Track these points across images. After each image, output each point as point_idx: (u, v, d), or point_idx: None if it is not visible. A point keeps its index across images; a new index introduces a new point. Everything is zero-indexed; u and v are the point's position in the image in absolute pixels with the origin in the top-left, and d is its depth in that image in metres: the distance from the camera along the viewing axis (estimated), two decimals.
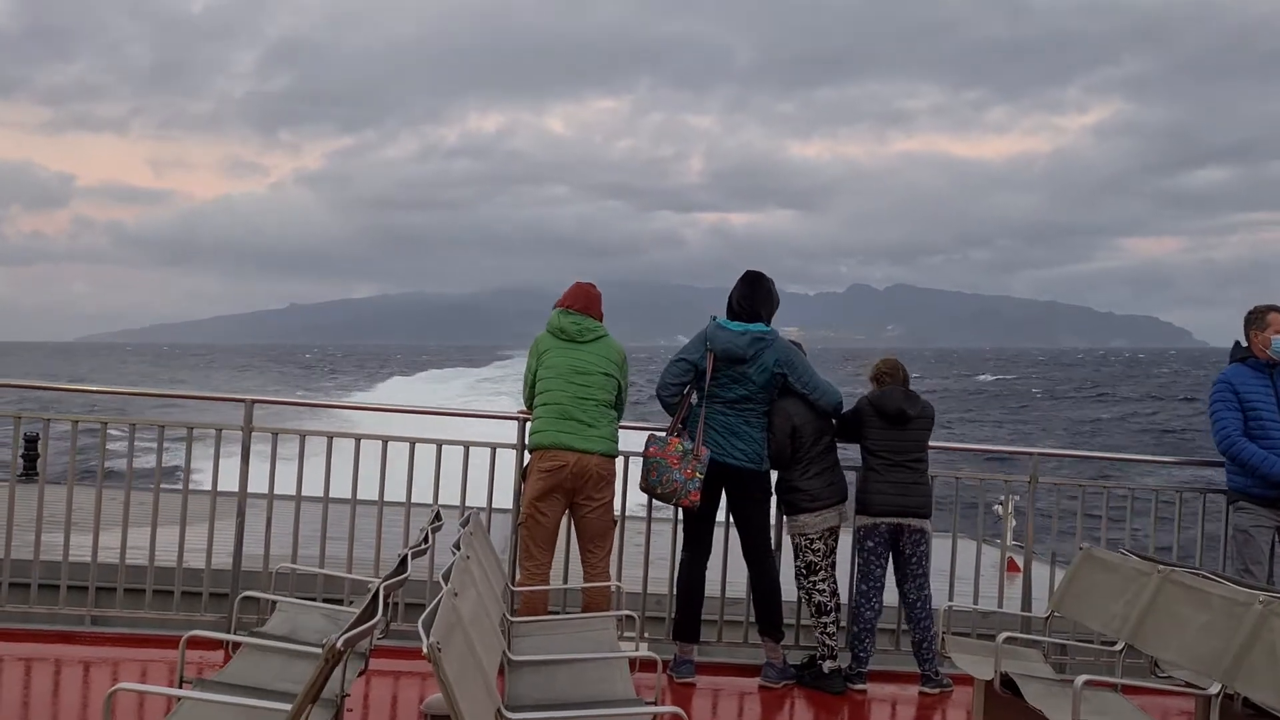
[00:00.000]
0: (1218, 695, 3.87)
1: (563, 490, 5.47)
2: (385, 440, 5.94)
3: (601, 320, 5.73)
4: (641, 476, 5.58)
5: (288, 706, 2.74)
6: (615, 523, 5.70)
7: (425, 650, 2.47)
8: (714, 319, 5.72)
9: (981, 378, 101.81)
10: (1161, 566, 4.34)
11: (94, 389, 6.98)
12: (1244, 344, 6.19)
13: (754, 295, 5.72)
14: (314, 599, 5.12)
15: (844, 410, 5.78)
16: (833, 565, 5.69)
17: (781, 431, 5.58)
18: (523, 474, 5.69)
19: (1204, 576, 4.23)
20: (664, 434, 5.56)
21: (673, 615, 5.86)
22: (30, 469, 12.27)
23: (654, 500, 5.77)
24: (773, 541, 5.84)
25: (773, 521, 5.87)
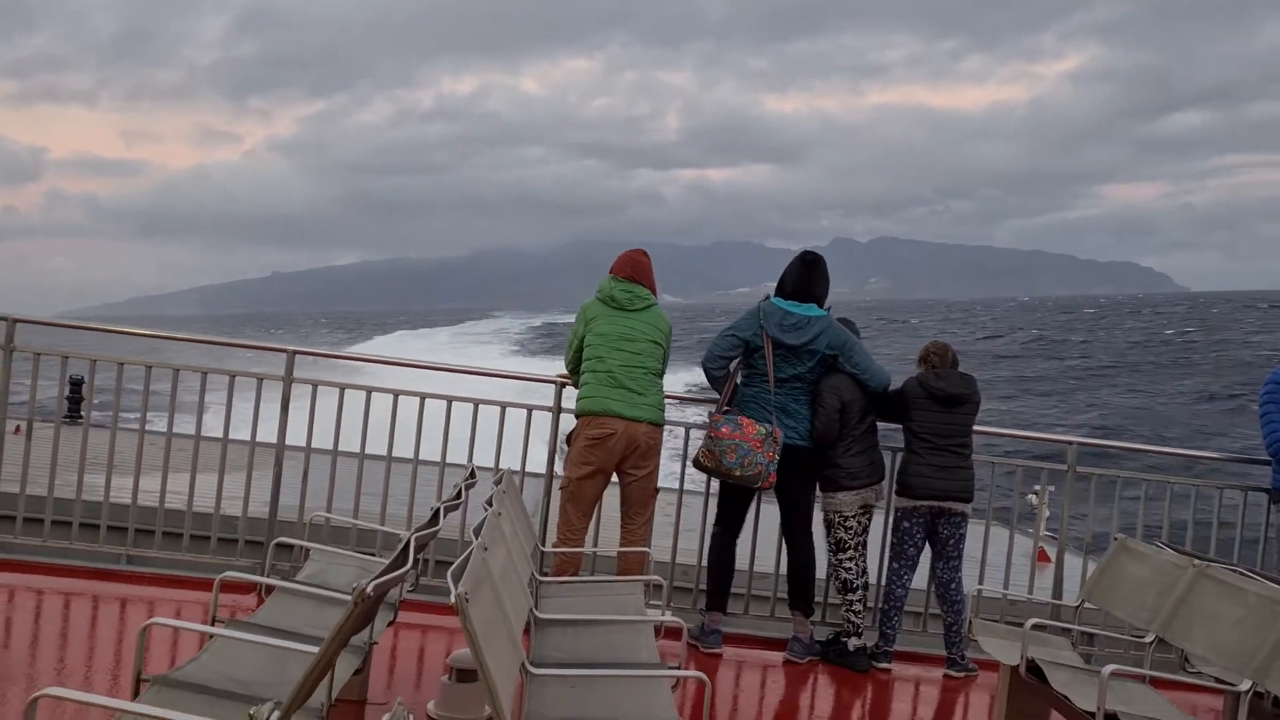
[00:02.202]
0: (1247, 692, 3.83)
1: (610, 457, 5.48)
2: (423, 397, 6.00)
3: (654, 289, 5.73)
4: (707, 457, 5.49)
5: (316, 649, 2.78)
6: (658, 491, 5.71)
7: (453, 600, 2.49)
8: (767, 297, 5.69)
9: (913, 321, 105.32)
10: (1197, 561, 4.28)
11: (138, 331, 7.07)
12: None
13: (811, 277, 5.68)
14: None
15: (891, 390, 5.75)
16: (863, 544, 5.68)
17: (830, 408, 5.54)
18: (567, 439, 5.71)
19: (1240, 573, 4.17)
20: (731, 414, 5.50)
21: (700, 587, 5.89)
22: (75, 411, 12.51)
23: (707, 475, 5.73)
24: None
25: None
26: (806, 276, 5.67)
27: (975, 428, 5.77)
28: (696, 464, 5.61)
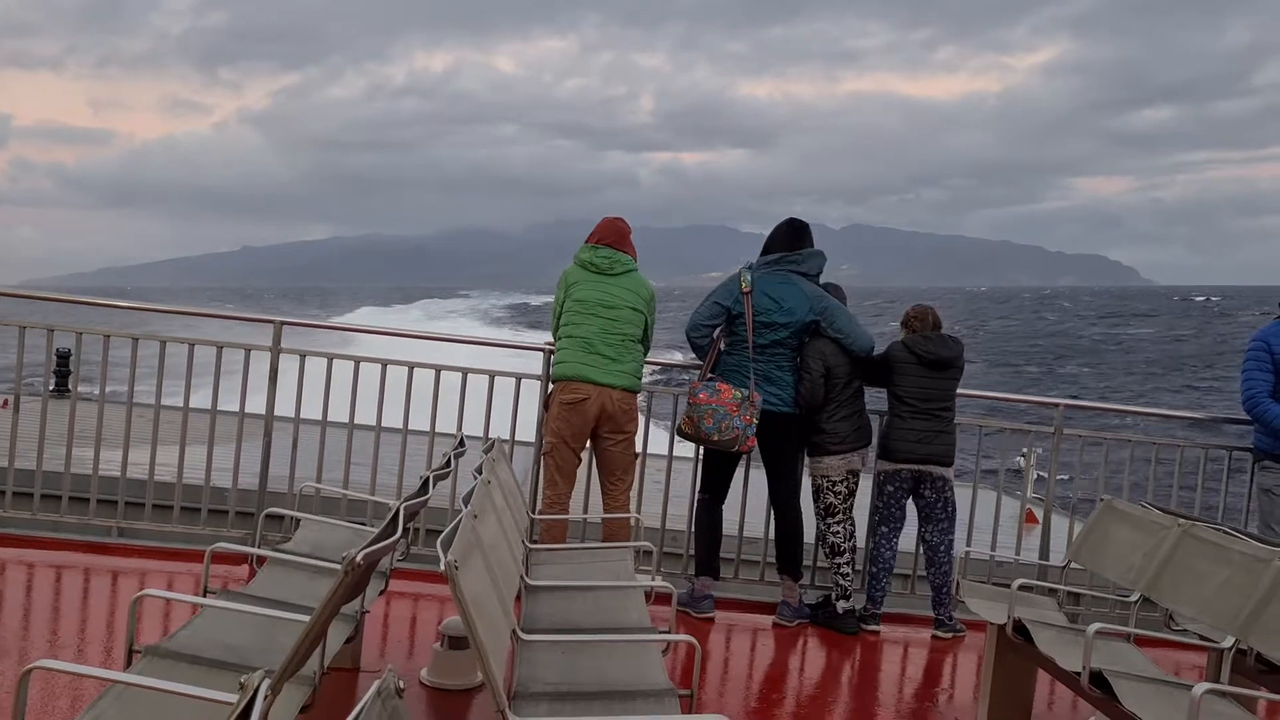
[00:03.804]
0: (1230, 649, 3.88)
1: (584, 422, 5.50)
2: (411, 367, 5.99)
3: (634, 256, 5.72)
4: (687, 423, 5.53)
5: (307, 619, 2.79)
6: (637, 457, 5.74)
7: (442, 568, 2.50)
8: (750, 265, 5.70)
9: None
10: (1182, 520, 4.32)
11: (124, 304, 7.04)
12: None
13: (799, 245, 5.69)
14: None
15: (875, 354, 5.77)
16: (850, 508, 5.72)
17: (815, 373, 5.56)
18: (544, 404, 5.73)
19: (1225, 532, 4.21)
20: (711, 380, 5.53)
21: (690, 552, 5.92)
22: (62, 385, 12.47)
23: (689, 442, 5.75)
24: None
25: None
26: (797, 246, 5.68)
27: (961, 391, 5.81)
28: (679, 431, 5.65)
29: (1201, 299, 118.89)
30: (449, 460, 4.18)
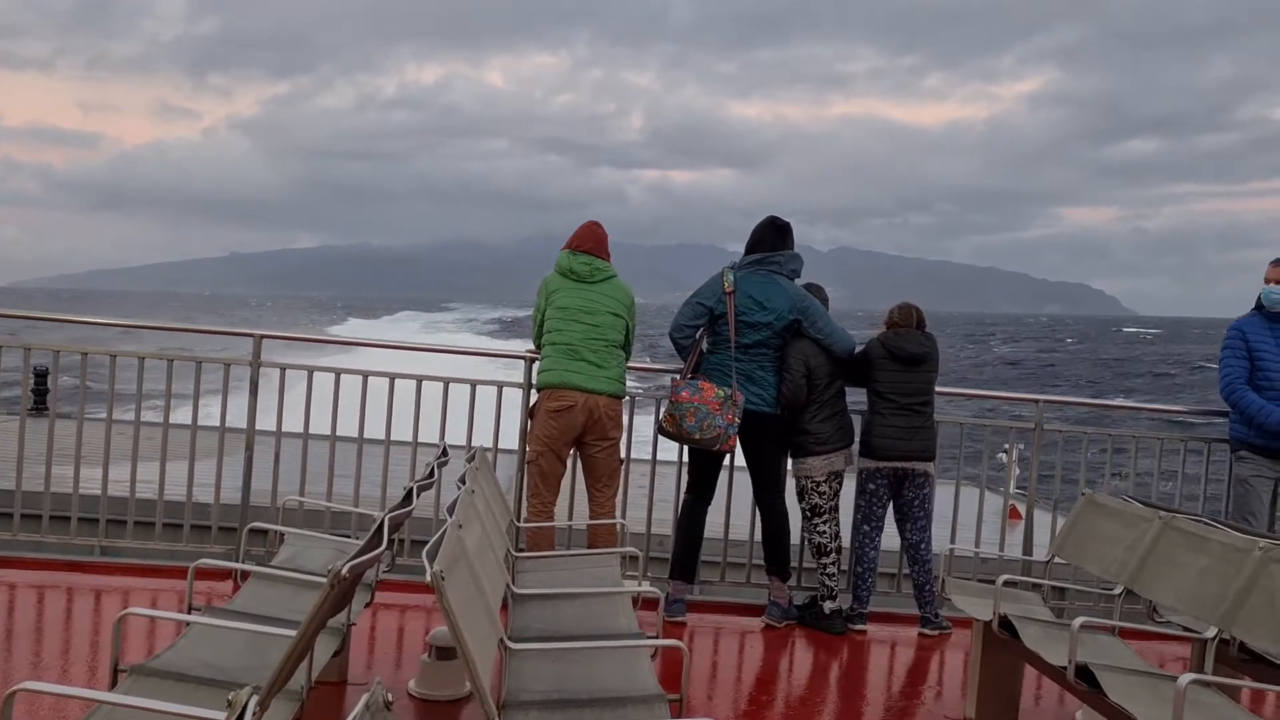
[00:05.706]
0: (1213, 640, 3.91)
1: (570, 429, 5.50)
2: (392, 377, 5.97)
3: (610, 261, 5.73)
4: (669, 421, 5.54)
5: (293, 633, 2.78)
6: (622, 463, 5.74)
7: (429, 578, 2.49)
8: (732, 265, 5.72)
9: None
10: (1163, 512, 4.35)
11: (101, 321, 6.99)
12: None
13: (782, 245, 5.71)
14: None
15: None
16: (835, 508, 5.74)
17: (797, 374, 5.59)
18: (529, 413, 5.73)
19: (1205, 523, 4.24)
20: (693, 379, 5.54)
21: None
22: (40, 403, 12.36)
23: (671, 443, 5.76)
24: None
25: None
26: (779, 245, 5.71)
27: (942, 389, 5.84)
28: (660, 429, 5.66)
29: (1132, 329, 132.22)
30: (432, 470, 4.18)
